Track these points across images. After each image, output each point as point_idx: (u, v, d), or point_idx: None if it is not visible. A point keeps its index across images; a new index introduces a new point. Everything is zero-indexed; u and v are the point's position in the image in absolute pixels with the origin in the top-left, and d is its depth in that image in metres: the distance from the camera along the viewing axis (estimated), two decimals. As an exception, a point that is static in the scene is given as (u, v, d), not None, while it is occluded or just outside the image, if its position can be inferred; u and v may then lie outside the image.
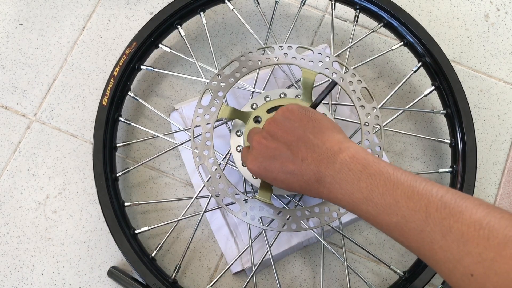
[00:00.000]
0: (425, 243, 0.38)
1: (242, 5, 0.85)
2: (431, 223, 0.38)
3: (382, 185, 0.42)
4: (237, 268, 0.71)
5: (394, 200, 0.41)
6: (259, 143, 0.53)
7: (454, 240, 0.36)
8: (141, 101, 0.75)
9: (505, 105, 0.82)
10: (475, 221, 0.36)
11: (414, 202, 0.40)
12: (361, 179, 0.44)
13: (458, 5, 0.87)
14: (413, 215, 0.39)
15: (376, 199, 0.42)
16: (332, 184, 0.46)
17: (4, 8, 0.85)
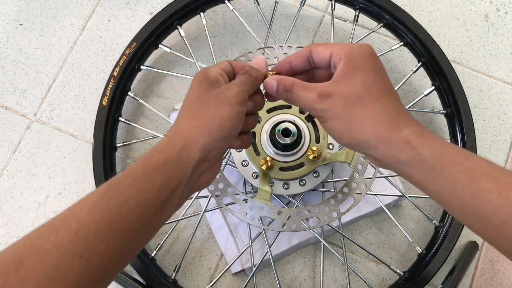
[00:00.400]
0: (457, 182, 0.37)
1: (242, 5, 0.85)
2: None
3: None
4: (237, 268, 0.71)
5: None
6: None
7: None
8: (141, 101, 0.75)
9: (505, 105, 0.82)
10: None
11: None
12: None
13: (458, 5, 0.87)
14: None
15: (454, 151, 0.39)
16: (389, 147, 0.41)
17: (4, 8, 0.85)
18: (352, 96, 0.41)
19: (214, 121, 0.41)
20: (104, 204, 0.37)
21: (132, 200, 0.38)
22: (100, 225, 0.36)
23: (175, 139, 0.41)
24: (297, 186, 0.65)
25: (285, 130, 0.63)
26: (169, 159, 0.40)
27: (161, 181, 0.39)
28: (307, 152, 0.64)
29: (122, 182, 0.39)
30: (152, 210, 0.39)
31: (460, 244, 0.74)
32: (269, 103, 0.66)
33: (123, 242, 0.38)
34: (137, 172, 0.39)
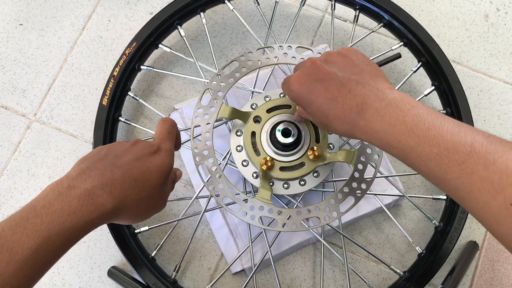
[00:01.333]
0: (464, 174, 0.39)
1: (242, 5, 0.85)
2: (475, 156, 0.38)
3: (428, 121, 0.43)
4: (237, 268, 0.71)
5: (439, 134, 0.41)
6: (313, 63, 0.52)
7: (497, 172, 0.37)
8: (141, 101, 0.75)
9: (505, 105, 0.82)
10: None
11: (460, 137, 0.40)
12: (407, 115, 0.44)
13: (458, 5, 0.87)
14: (457, 147, 0.40)
15: (419, 132, 0.42)
16: (374, 116, 0.46)
17: (4, 8, 0.85)
18: (323, 124, 0.52)
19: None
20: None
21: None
22: None
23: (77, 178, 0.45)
24: (297, 186, 0.65)
25: (285, 130, 0.63)
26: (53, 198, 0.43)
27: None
28: (307, 152, 0.64)
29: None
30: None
31: (460, 244, 0.74)
32: (269, 103, 0.66)
33: None
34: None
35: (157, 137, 0.53)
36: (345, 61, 0.51)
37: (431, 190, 0.77)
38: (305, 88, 0.51)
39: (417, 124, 0.43)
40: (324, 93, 0.49)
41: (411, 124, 0.43)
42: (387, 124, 0.45)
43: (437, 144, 0.41)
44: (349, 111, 0.48)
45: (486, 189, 0.37)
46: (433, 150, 0.41)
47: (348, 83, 0.48)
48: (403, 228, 0.69)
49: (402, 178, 0.76)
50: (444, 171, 0.40)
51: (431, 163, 0.41)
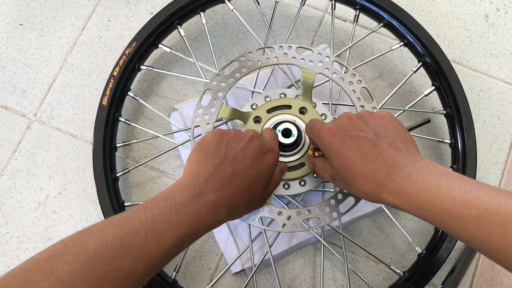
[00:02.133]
0: (508, 235, 0.39)
1: (242, 5, 0.85)
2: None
3: (463, 185, 0.43)
4: (237, 268, 0.71)
5: (477, 197, 0.41)
6: (349, 118, 0.52)
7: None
8: (141, 101, 0.75)
9: (505, 105, 0.82)
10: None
11: (499, 199, 0.40)
12: (441, 179, 0.44)
13: (458, 5, 0.87)
14: (497, 209, 0.40)
15: (455, 194, 0.42)
16: (405, 179, 0.46)
17: (4, 8, 0.85)
18: (344, 180, 0.51)
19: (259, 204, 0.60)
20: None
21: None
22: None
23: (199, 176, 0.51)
24: (297, 186, 0.65)
25: (285, 130, 0.63)
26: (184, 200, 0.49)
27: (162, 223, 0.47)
28: (307, 152, 0.64)
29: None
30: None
31: (460, 244, 0.74)
32: (269, 103, 0.66)
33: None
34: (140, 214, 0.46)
35: (269, 138, 0.59)
36: (381, 123, 0.51)
37: (431, 190, 0.77)
38: (337, 139, 0.51)
39: (452, 188, 0.43)
40: (356, 149, 0.49)
41: (445, 187, 0.43)
42: (419, 187, 0.45)
43: (476, 206, 0.41)
44: (378, 171, 0.47)
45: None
46: (472, 212, 0.41)
47: (381, 145, 0.48)
48: (403, 228, 0.69)
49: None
50: (486, 233, 0.40)
51: (470, 225, 0.41)
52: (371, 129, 0.50)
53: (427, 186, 0.44)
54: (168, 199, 0.46)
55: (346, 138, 0.50)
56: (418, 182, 0.45)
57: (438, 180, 0.44)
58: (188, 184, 0.48)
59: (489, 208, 0.40)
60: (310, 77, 0.65)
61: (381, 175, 0.47)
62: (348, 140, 0.50)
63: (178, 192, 0.47)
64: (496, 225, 0.39)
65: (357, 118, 0.52)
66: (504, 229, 0.39)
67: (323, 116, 0.67)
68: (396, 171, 0.46)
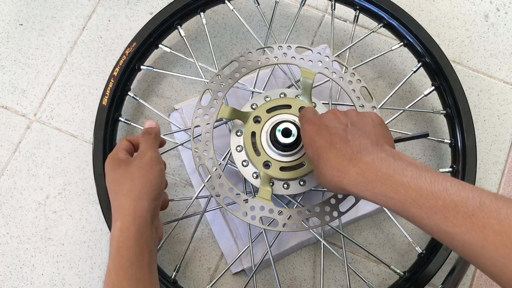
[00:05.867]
0: (475, 227, 0.38)
1: (242, 5, 0.85)
2: (486, 210, 0.38)
3: (430, 176, 0.42)
4: (237, 268, 0.71)
5: (444, 188, 0.41)
6: (334, 112, 0.53)
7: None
8: (141, 101, 0.75)
9: (505, 105, 0.82)
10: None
11: (466, 191, 0.40)
12: (407, 168, 0.43)
13: (458, 5, 0.87)
14: (465, 201, 0.39)
15: (421, 184, 0.42)
16: (369, 165, 0.45)
17: (4, 8, 0.85)
18: (315, 170, 0.52)
19: (147, 187, 0.52)
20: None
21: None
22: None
23: (125, 216, 0.52)
24: (297, 186, 0.65)
25: (285, 130, 0.63)
26: (130, 236, 0.50)
27: (137, 253, 0.51)
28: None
29: (119, 283, 0.50)
30: (146, 273, 0.52)
31: (460, 244, 0.74)
32: (269, 103, 0.66)
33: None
34: (116, 264, 0.50)
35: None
36: (363, 119, 0.52)
37: (431, 190, 0.77)
38: (315, 129, 0.52)
39: (418, 177, 0.42)
40: (328, 137, 0.50)
41: (411, 177, 0.42)
42: (383, 174, 0.44)
43: (442, 196, 0.40)
44: (341, 157, 0.47)
45: (502, 243, 0.36)
46: (438, 202, 0.40)
47: (352, 133, 0.49)
48: (403, 228, 0.69)
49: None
50: (452, 225, 0.39)
51: (436, 216, 0.40)
52: (350, 122, 0.51)
53: (392, 173, 0.43)
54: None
55: (322, 128, 0.51)
56: (382, 169, 0.44)
57: (404, 169, 0.43)
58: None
59: (456, 199, 0.39)
60: (310, 77, 0.65)
61: (343, 161, 0.47)
62: (324, 130, 0.51)
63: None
64: (462, 217, 0.39)
65: (341, 113, 0.53)
66: (470, 221, 0.38)
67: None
68: (359, 157, 0.46)
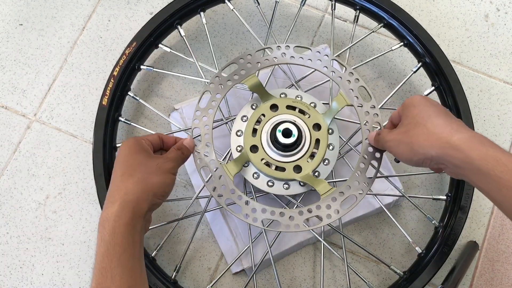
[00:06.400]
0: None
1: (242, 5, 0.85)
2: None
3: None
4: (237, 268, 0.71)
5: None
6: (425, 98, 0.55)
7: None
8: (141, 101, 0.75)
9: (505, 105, 0.82)
10: None
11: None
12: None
13: (458, 5, 0.87)
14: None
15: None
16: (481, 135, 0.47)
17: (4, 8, 0.85)
18: (409, 125, 0.52)
19: (158, 185, 0.56)
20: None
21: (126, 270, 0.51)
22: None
23: (127, 202, 0.53)
24: (297, 186, 0.65)
25: (285, 130, 0.63)
26: (126, 223, 0.52)
27: (130, 241, 0.52)
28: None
29: (112, 270, 0.50)
30: (137, 262, 0.53)
31: (460, 244, 0.74)
32: (293, 102, 0.66)
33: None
34: (110, 251, 0.51)
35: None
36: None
37: (431, 190, 0.77)
38: (427, 99, 0.54)
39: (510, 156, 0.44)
40: (439, 107, 0.53)
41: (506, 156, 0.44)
42: (496, 145, 0.46)
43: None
44: (456, 123, 0.50)
45: None
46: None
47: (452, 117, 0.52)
48: (403, 228, 0.69)
49: (402, 178, 0.76)
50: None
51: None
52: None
53: (503, 149, 0.45)
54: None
55: (434, 102, 0.54)
56: (495, 145, 0.46)
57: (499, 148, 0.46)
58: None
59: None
60: (341, 104, 0.65)
61: (458, 124, 0.49)
62: (435, 103, 0.54)
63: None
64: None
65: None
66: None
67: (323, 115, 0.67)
68: (473, 130, 0.49)
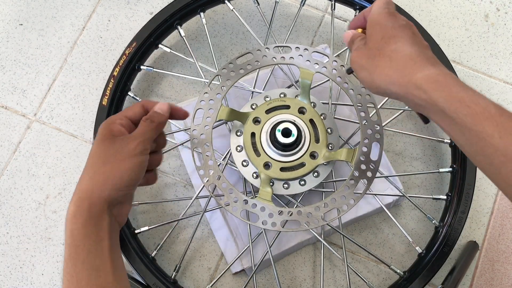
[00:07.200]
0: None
1: (242, 5, 0.85)
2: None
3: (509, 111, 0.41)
4: (237, 268, 0.71)
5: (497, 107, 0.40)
6: (395, 15, 0.49)
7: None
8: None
9: (505, 105, 0.81)
10: None
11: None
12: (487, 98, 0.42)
13: (458, 5, 0.87)
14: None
15: (501, 107, 0.40)
16: (448, 72, 0.43)
17: (4, 8, 0.85)
18: (374, 49, 0.47)
19: (115, 175, 0.48)
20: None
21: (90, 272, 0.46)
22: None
23: (82, 201, 0.47)
24: (297, 186, 0.65)
25: (285, 130, 0.63)
26: (84, 223, 0.46)
27: (94, 241, 0.46)
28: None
29: (77, 274, 0.46)
30: (106, 261, 0.47)
31: (460, 244, 0.74)
32: (269, 103, 0.66)
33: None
34: (72, 255, 0.46)
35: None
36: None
37: (431, 190, 0.77)
38: (388, 14, 0.48)
39: (502, 108, 0.40)
40: (404, 28, 0.46)
41: (490, 100, 0.41)
42: (464, 84, 0.41)
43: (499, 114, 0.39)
44: (421, 53, 0.44)
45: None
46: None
47: (423, 39, 0.47)
48: (403, 228, 0.69)
49: (402, 178, 0.76)
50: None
51: (511, 137, 0.39)
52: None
53: (472, 89, 0.41)
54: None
55: (397, 18, 0.48)
56: (462, 82, 0.43)
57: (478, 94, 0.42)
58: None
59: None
60: (308, 77, 0.65)
61: (422, 57, 0.44)
62: (400, 20, 0.48)
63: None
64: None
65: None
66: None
67: (323, 116, 0.67)
68: (439, 62, 0.44)
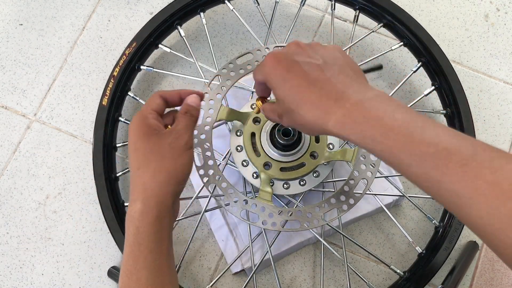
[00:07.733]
0: (466, 177, 0.36)
1: (242, 5, 0.85)
2: (479, 159, 0.36)
3: (421, 121, 0.40)
4: (237, 268, 0.71)
5: (436, 134, 0.38)
6: (298, 44, 0.47)
7: (507, 178, 0.34)
8: (141, 101, 0.75)
9: (505, 105, 0.81)
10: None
11: (459, 139, 0.38)
12: (397, 111, 0.41)
13: (458, 5, 0.87)
14: (457, 149, 0.37)
15: (412, 129, 0.39)
16: (357, 106, 0.41)
17: (4, 8, 0.85)
18: (282, 108, 0.47)
19: (176, 170, 0.49)
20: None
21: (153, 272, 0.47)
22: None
23: (149, 198, 0.48)
24: (297, 186, 0.65)
25: (285, 130, 0.63)
26: (152, 221, 0.47)
27: (157, 240, 0.47)
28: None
29: (137, 272, 0.47)
30: (164, 261, 0.48)
31: (460, 244, 0.74)
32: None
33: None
34: (135, 252, 0.47)
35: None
36: (331, 52, 0.47)
37: (431, 190, 0.77)
38: (283, 65, 0.45)
39: (410, 122, 0.39)
40: (303, 74, 0.44)
41: (402, 121, 0.40)
42: (373, 116, 0.40)
43: (434, 143, 0.38)
44: (326, 97, 0.43)
45: (494, 194, 0.34)
46: (430, 149, 0.38)
47: (330, 70, 0.44)
48: (403, 228, 0.69)
49: (402, 178, 0.76)
50: (442, 173, 0.37)
51: (426, 163, 0.38)
52: (320, 56, 0.46)
53: (382, 116, 0.40)
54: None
55: (292, 64, 0.45)
56: (371, 111, 0.41)
57: (394, 112, 0.40)
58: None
59: (448, 147, 0.37)
60: None
61: (329, 101, 0.43)
62: (295, 66, 0.45)
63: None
64: (454, 165, 0.36)
65: (306, 45, 0.47)
66: (462, 170, 0.36)
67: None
68: (346, 97, 0.42)
